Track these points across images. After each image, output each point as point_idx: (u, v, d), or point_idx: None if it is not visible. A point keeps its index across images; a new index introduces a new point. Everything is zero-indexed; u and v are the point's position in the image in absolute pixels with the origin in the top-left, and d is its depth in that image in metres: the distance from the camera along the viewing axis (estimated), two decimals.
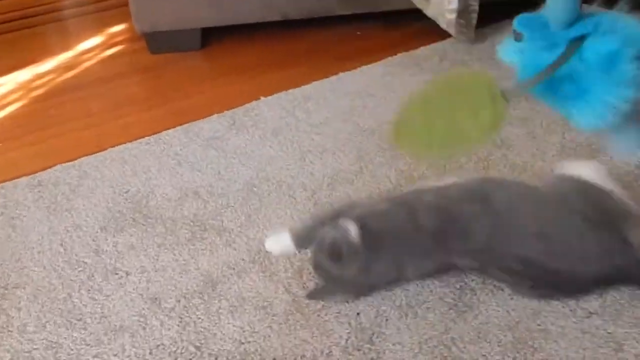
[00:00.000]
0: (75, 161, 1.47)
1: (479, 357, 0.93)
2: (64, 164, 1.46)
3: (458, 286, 1.05)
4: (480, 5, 1.75)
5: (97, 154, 1.50)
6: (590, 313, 0.98)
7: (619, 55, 0.73)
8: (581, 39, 0.71)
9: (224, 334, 1.00)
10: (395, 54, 1.84)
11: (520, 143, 1.38)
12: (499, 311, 1.00)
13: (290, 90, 1.71)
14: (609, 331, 0.95)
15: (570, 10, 0.70)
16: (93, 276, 1.12)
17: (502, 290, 1.03)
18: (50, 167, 1.45)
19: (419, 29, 1.92)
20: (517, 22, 0.75)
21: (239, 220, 1.24)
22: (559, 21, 0.72)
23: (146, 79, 2.00)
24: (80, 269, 1.14)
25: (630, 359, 0.91)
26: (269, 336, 0.99)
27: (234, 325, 1.01)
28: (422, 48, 1.84)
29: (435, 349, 0.95)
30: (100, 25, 2.40)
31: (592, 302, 1.00)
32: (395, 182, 1.30)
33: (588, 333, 0.95)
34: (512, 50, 0.79)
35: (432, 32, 1.85)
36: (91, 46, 2.25)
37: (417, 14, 1.83)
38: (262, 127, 1.55)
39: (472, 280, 1.06)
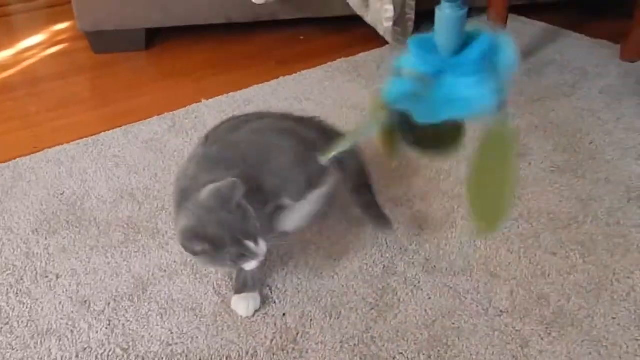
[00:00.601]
0: (10, 162, 1.46)
1: (396, 355, 0.98)
2: None
3: (381, 287, 1.10)
4: (416, 14, 1.82)
5: (33, 155, 1.50)
6: (501, 312, 1.04)
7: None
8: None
9: (152, 336, 1.02)
10: (336, 59, 1.89)
11: None
12: (417, 310, 1.05)
13: (231, 94, 1.74)
14: (517, 329, 1.01)
15: (454, 40, 0.73)
16: (22, 279, 1.12)
17: (422, 290, 1.09)
18: None
19: (360, 35, 1.98)
20: (411, 42, 0.77)
21: (173, 223, 1.26)
22: (444, 48, 0.74)
23: (88, 80, 1.99)
24: (9, 272, 1.14)
25: (535, 355, 0.97)
26: (197, 337, 1.02)
27: (162, 327, 1.03)
28: (361, 54, 1.89)
29: (355, 348, 0.99)
30: (45, 23, 2.38)
31: (503, 302, 1.06)
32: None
33: (498, 330, 1.01)
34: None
35: (372, 38, 1.90)
36: (33, 44, 2.23)
37: (358, 21, 1.87)
38: (202, 130, 1.56)
39: (395, 281, 1.11)
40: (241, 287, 1.07)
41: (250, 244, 0.96)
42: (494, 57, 0.76)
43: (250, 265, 0.99)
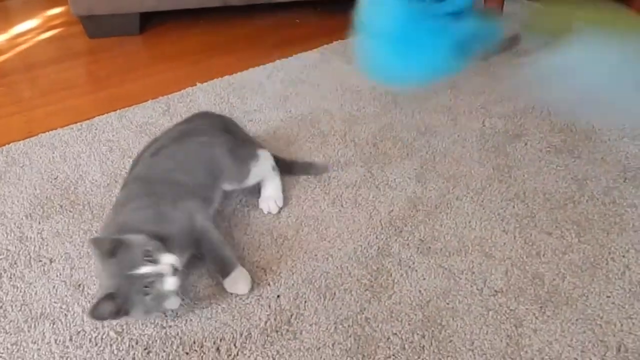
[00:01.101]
0: (3, 147, 1.45)
1: (390, 335, 0.98)
2: None
3: (375, 268, 1.09)
4: None
5: (27, 139, 1.49)
6: (496, 291, 1.04)
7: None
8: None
9: (145, 319, 1.02)
10: (332, 42, 1.87)
11: (444, 130, 1.43)
12: (411, 291, 1.05)
13: (227, 77, 1.72)
14: (512, 308, 1.01)
15: None
16: (16, 264, 1.12)
17: (416, 271, 1.08)
18: None
19: None
20: None
21: None
22: None
23: (81, 64, 1.97)
24: (2, 256, 1.14)
25: (529, 333, 0.97)
26: (191, 320, 1.02)
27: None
28: None
29: (349, 329, 0.99)
30: (39, 8, 2.35)
31: (497, 282, 1.06)
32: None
33: (492, 310, 1.01)
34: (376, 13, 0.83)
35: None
36: (27, 29, 2.21)
37: (354, 2, 1.85)
38: None
39: (389, 262, 1.10)
40: (224, 268, 1.06)
41: (143, 270, 0.93)
42: None
43: (169, 283, 0.95)
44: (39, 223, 1.22)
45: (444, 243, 1.14)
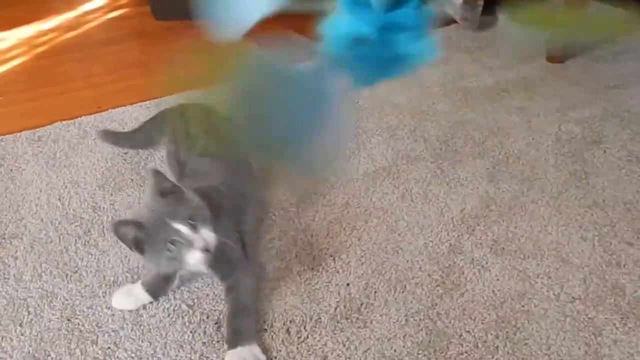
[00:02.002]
0: (76, 119, 1.48)
1: (463, 332, 0.96)
2: (64, 122, 1.47)
3: (447, 264, 1.08)
4: None
5: (98, 114, 1.51)
6: (573, 298, 1.01)
7: None
8: None
9: (216, 294, 1.02)
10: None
11: (517, 131, 1.41)
12: (484, 291, 1.03)
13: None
14: (590, 316, 0.98)
15: None
16: (89, 231, 1.14)
17: (489, 271, 1.06)
18: (50, 123, 1.46)
19: None
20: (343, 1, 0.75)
21: None
22: (378, 3, 0.71)
23: (148, 45, 2.00)
24: (77, 223, 1.15)
25: (609, 343, 0.94)
26: (260, 300, 1.02)
27: None
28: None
29: (421, 322, 0.98)
30: None
31: (575, 288, 1.03)
32: (391, 161, 1.32)
33: (570, 317, 0.98)
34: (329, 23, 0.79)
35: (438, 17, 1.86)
36: (95, 7, 2.25)
37: None
38: None
39: (461, 260, 1.08)
40: (234, 336, 0.93)
41: (180, 227, 0.89)
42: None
43: (193, 257, 0.91)
44: (111, 194, 1.23)
45: (519, 245, 1.11)
